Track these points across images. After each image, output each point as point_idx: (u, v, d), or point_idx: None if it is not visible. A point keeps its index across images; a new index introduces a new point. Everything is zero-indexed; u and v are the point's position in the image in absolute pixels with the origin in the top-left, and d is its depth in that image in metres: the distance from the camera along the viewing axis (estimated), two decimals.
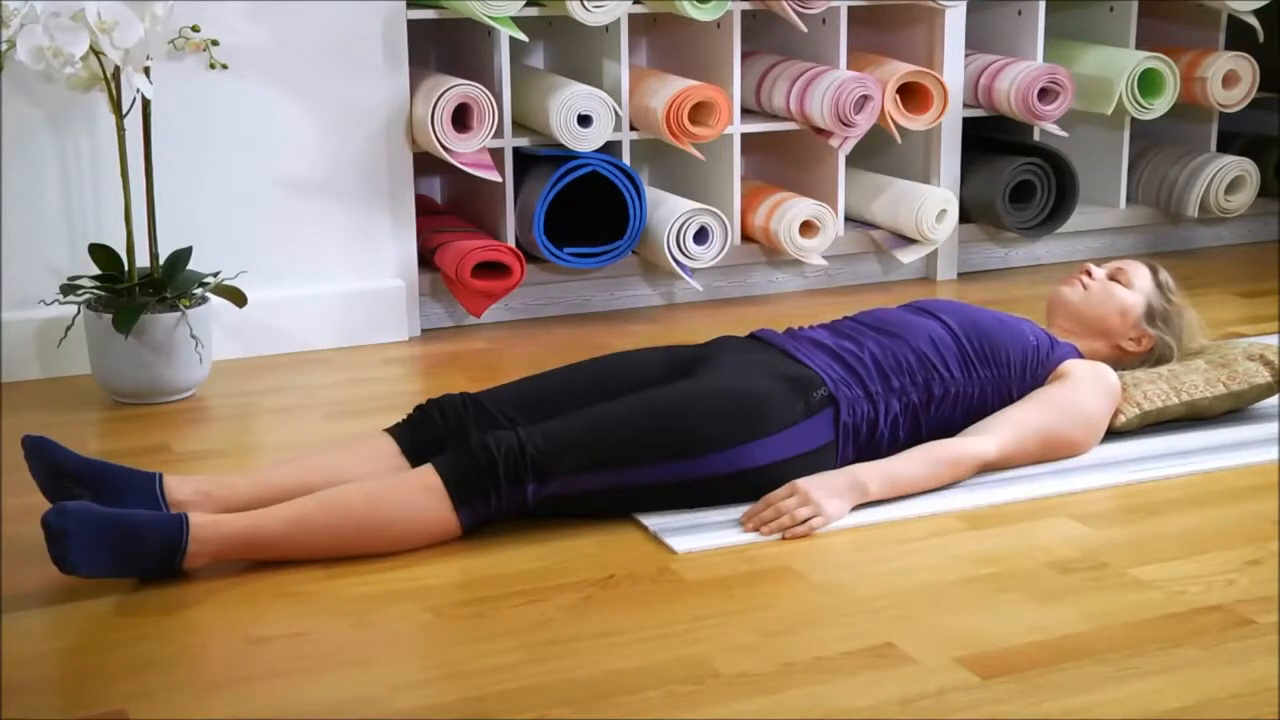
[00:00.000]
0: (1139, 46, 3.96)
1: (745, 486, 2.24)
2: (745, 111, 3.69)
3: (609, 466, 2.18)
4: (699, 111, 3.40)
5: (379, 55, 3.21)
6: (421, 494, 2.13)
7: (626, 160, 3.44)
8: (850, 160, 3.80)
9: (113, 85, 2.75)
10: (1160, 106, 3.78)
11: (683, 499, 2.24)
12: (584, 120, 3.29)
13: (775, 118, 3.65)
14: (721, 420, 2.22)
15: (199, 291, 2.90)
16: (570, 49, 3.68)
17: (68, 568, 1.96)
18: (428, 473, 2.14)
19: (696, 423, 2.21)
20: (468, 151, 3.21)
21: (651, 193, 3.48)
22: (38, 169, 3.00)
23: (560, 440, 2.16)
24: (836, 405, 2.31)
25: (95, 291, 2.88)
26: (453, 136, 3.17)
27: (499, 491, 2.13)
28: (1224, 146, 4.19)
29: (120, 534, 1.99)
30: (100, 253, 2.87)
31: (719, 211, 3.40)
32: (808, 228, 3.55)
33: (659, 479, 2.21)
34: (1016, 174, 3.75)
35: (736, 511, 2.24)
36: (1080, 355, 2.55)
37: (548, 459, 2.14)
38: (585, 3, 3.25)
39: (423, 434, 2.29)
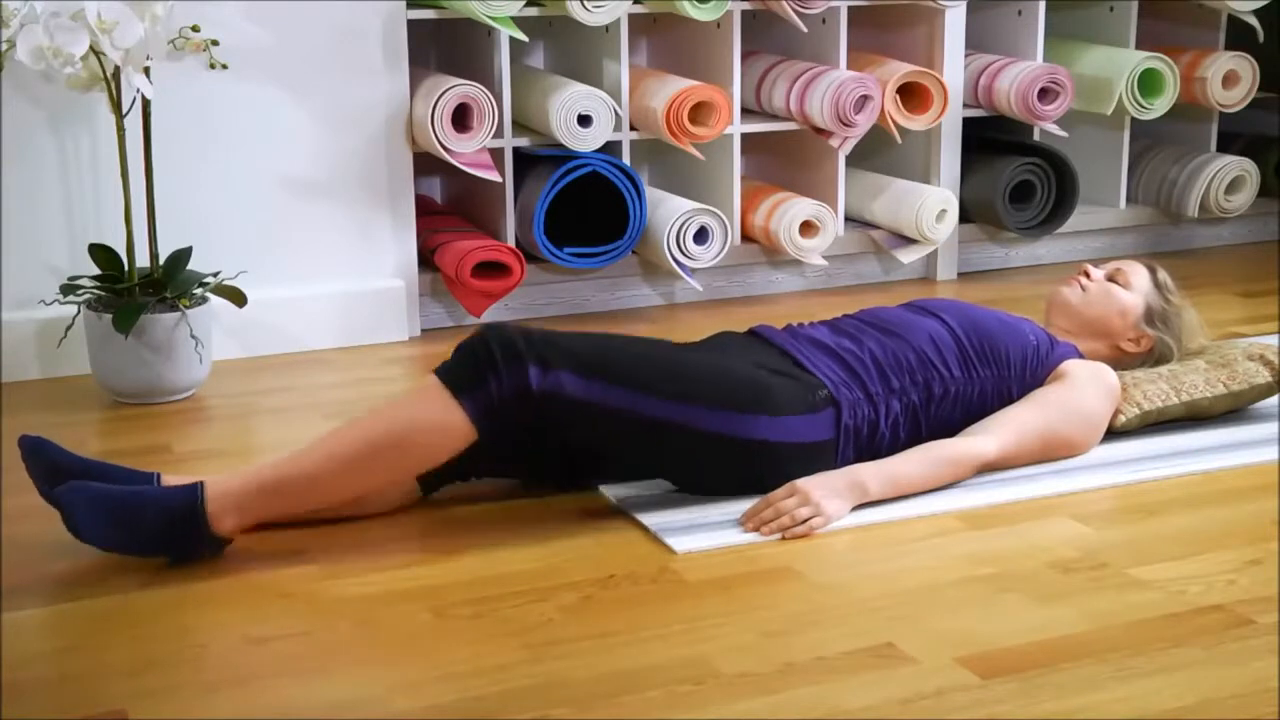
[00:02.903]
0: (1139, 46, 3.96)
1: (747, 457, 2.23)
2: (745, 111, 3.69)
3: (611, 381, 2.13)
4: (699, 111, 3.40)
5: (379, 55, 3.21)
6: (423, 398, 2.10)
7: (626, 160, 3.44)
8: (850, 160, 3.80)
9: (113, 85, 2.75)
10: (1160, 106, 3.78)
11: (686, 450, 2.21)
12: (584, 120, 3.29)
13: (775, 118, 3.65)
14: (727, 386, 2.22)
15: (199, 291, 2.90)
16: (570, 49, 3.68)
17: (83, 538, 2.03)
18: (427, 376, 2.13)
19: (702, 379, 2.21)
20: (468, 151, 3.21)
21: (651, 193, 3.48)
22: (38, 169, 3.00)
23: (564, 344, 2.13)
24: (838, 406, 2.31)
25: (95, 291, 2.88)
26: (453, 136, 3.17)
27: (498, 375, 2.08)
28: (1224, 146, 4.19)
29: (126, 506, 2.02)
30: (100, 253, 2.87)
31: (719, 211, 3.40)
32: (808, 228, 3.55)
33: (661, 415, 2.16)
34: (1016, 174, 3.75)
35: (736, 511, 2.24)
36: (1080, 355, 2.55)
37: (548, 347, 2.11)
38: (585, 3, 3.25)
39: None
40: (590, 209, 3.44)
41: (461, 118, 3.21)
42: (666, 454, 2.24)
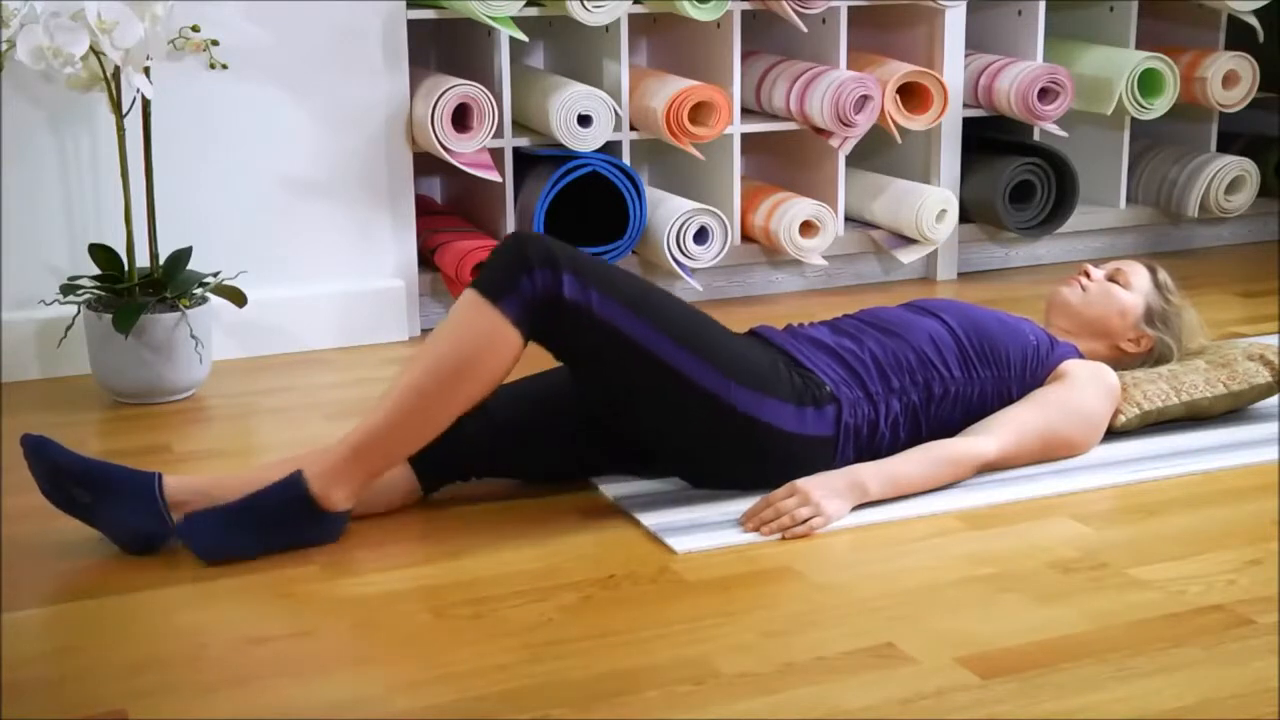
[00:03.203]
0: (1139, 46, 3.97)
1: (745, 438, 2.23)
2: (745, 111, 3.69)
3: (637, 314, 2.16)
4: (699, 111, 3.40)
5: (379, 55, 3.21)
6: (466, 316, 2.12)
7: (626, 160, 3.44)
8: (850, 160, 3.80)
9: (113, 85, 2.75)
10: (1160, 106, 3.78)
11: (688, 410, 2.21)
12: (584, 120, 3.30)
13: (775, 118, 3.65)
14: (739, 356, 2.24)
15: (199, 291, 2.90)
16: (570, 49, 3.68)
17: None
18: (466, 291, 2.15)
19: (718, 342, 2.23)
20: (468, 151, 3.21)
21: (651, 193, 3.48)
22: (38, 169, 3.00)
23: (599, 266, 2.16)
24: (838, 404, 2.31)
25: (95, 291, 2.88)
26: (453, 136, 3.17)
27: (530, 275, 2.11)
28: (1224, 146, 4.19)
29: (241, 515, 2.09)
30: (100, 253, 2.87)
31: (719, 211, 3.40)
32: (808, 228, 3.55)
33: (674, 363, 2.18)
34: (1016, 174, 3.75)
35: (736, 511, 2.24)
36: (1080, 355, 2.55)
37: (583, 263, 2.14)
38: (585, 3, 3.25)
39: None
40: (590, 209, 3.43)
41: (461, 118, 3.21)
42: (669, 410, 2.23)
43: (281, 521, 2.11)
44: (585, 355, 2.20)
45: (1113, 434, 2.54)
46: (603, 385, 2.26)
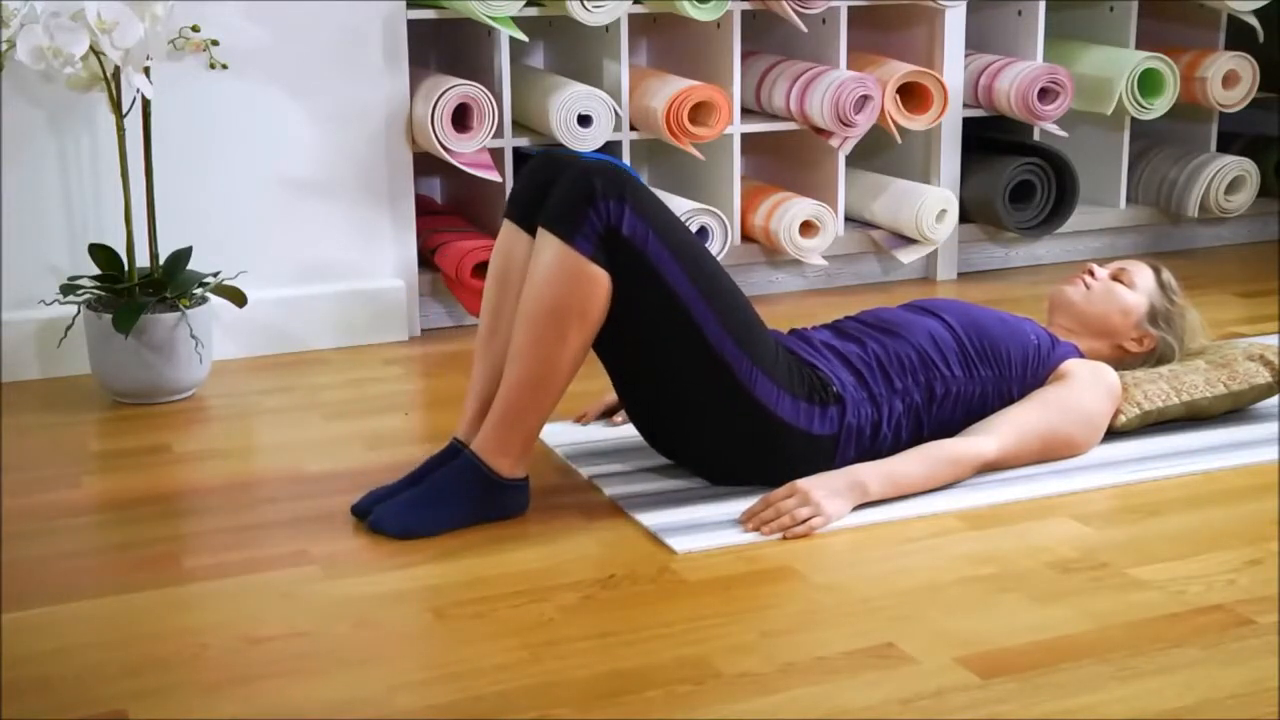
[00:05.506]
0: (1139, 46, 3.97)
1: (748, 420, 2.24)
2: (745, 111, 3.69)
3: (683, 266, 2.17)
4: (699, 111, 3.40)
5: (379, 55, 3.21)
6: (545, 257, 2.14)
7: (626, 160, 3.44)
8: (850, 160, 3.81)
9: (113, 85, 2.75)
10: (1160, 106, 3.79)
11: (699, 373, 2.22)
12: (584, 120, 3.30)
13: (775, 118, 3.65)
14: (770, 356, 2.25)
15: (199, 291, 2.90)
16: (570, 49, 3.68)
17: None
18: (539, 233, 2.16)
19: (758, 337, 2.25)
20: (468, 151, 3.21)
21: None
22: (38, 169, 3.01)
23: (665, 212, 2.18)
24: (842, 405, 2.31)
25: (95, 291, 2.88)
26: (453, 136, 3.17)
27: (595, 206, 2.12)
28: (1224, 146, 4.20)
29: (422, 500, 2.18)
30: (100, 253, 2.87)
31: (719, 211, 3.40)
32: (808, 228, 3.55)
33: (709, 332, 2.19)
34: (1016, 174, 3.75)
35: (736, 511, 2.24)
36: (1081, 355, 2.55)
37: (646, 198, 2.15)
38: (585, 3, 3.25)
39: (530, 193, 2.27)
40: None
41: (461, 118, 3.21)
42: (683, 374, 2.23)
43: (467, 497, 2.18)
44: (625, 293, 2.18)
45: (1113, 434, 2.54)
46: (631, 330, 2.24)
